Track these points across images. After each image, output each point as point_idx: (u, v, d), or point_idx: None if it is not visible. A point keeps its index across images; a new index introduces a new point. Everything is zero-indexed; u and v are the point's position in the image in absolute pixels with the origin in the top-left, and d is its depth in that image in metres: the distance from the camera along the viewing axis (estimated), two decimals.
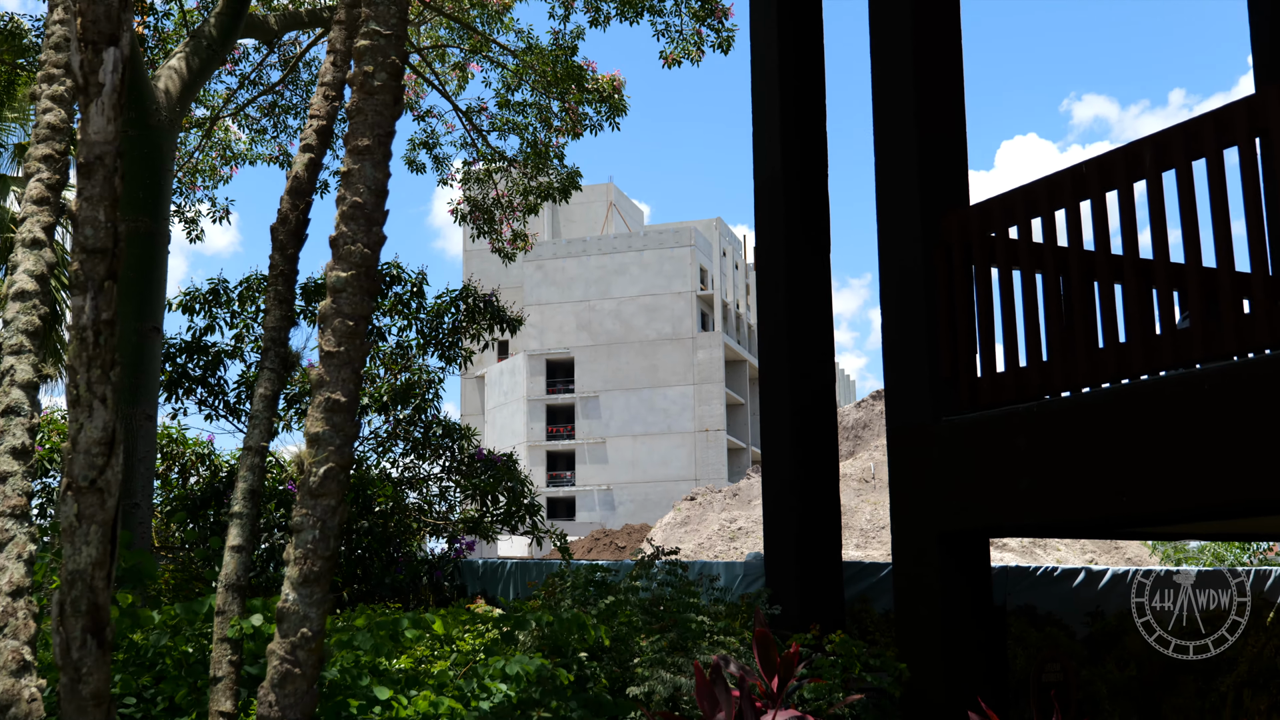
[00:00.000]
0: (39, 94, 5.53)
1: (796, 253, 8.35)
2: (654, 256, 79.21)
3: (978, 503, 6.64)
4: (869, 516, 22.18)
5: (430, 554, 12.33)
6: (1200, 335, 5.61)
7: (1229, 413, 5.40)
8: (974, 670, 6.69)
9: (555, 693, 6.14)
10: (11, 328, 5.31)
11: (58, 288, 13.51)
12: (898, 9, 7.40)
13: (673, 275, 78.59)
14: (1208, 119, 5.71)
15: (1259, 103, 5.50)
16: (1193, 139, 5.76)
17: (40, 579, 5.43)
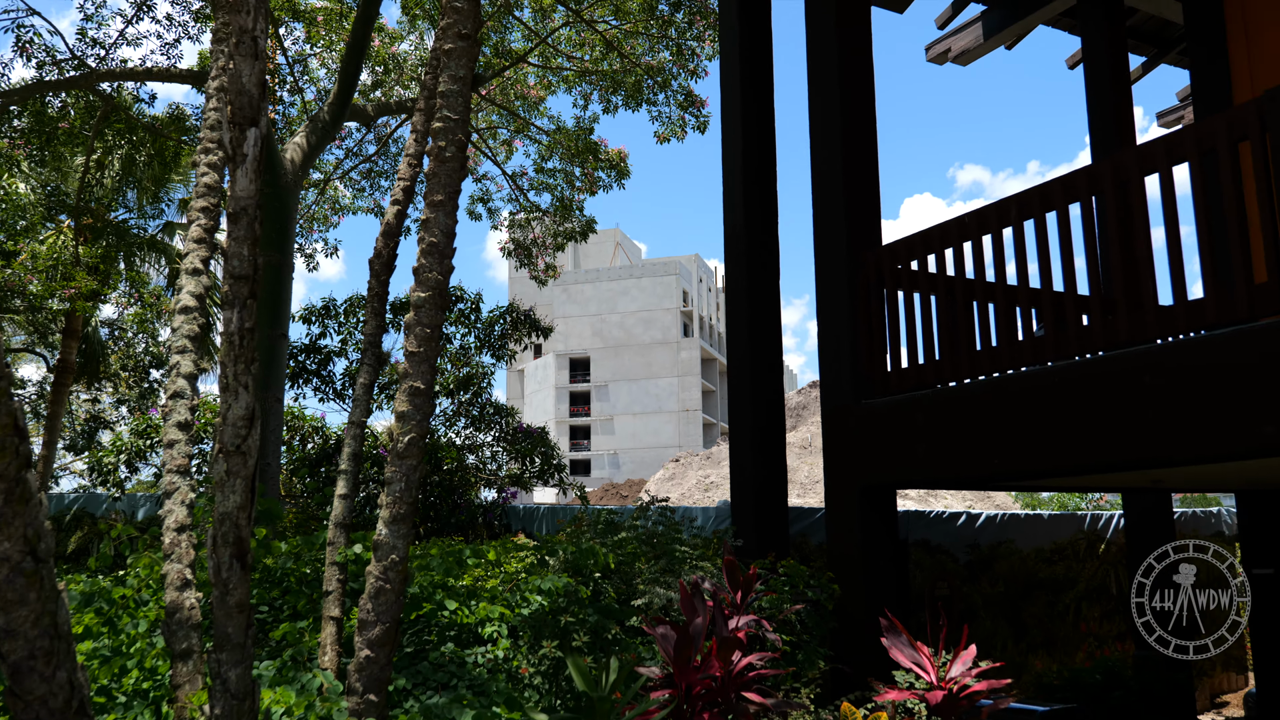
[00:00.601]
0: (198, 162, 5.53)
1: (754, 280, 8.38)
2: (649, 282, 79.26)
3: (887, 463, 6.67)
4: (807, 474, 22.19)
5: (484, 501, 12.35)
6: (1051, 341, 5.64)
7: (1072, 399, 5.43)
8: (885, 587, 6.72)
9: (577, 602, 6.16)
10: (178, 334, 5.31)
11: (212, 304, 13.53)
12: (830, 105, 7.43)
13: (662, 296, 78.64)
14: (1057, 182, 5.73)
15: (1095, 172, 5.52)
16: (1045, 197, 5.78)
17: (199, 519, 5.44)
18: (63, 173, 17.80)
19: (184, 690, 4.82)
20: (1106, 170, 5.42)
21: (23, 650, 3.59)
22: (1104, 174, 5.43)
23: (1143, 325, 5.11)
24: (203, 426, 11.39)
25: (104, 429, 21.96)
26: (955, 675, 4.71)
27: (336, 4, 15.33)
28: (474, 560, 6.79)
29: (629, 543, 7.12)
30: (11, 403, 3.39)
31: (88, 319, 19.35)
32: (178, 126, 15.91)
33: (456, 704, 4.72)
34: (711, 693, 4.47)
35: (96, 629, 5.65)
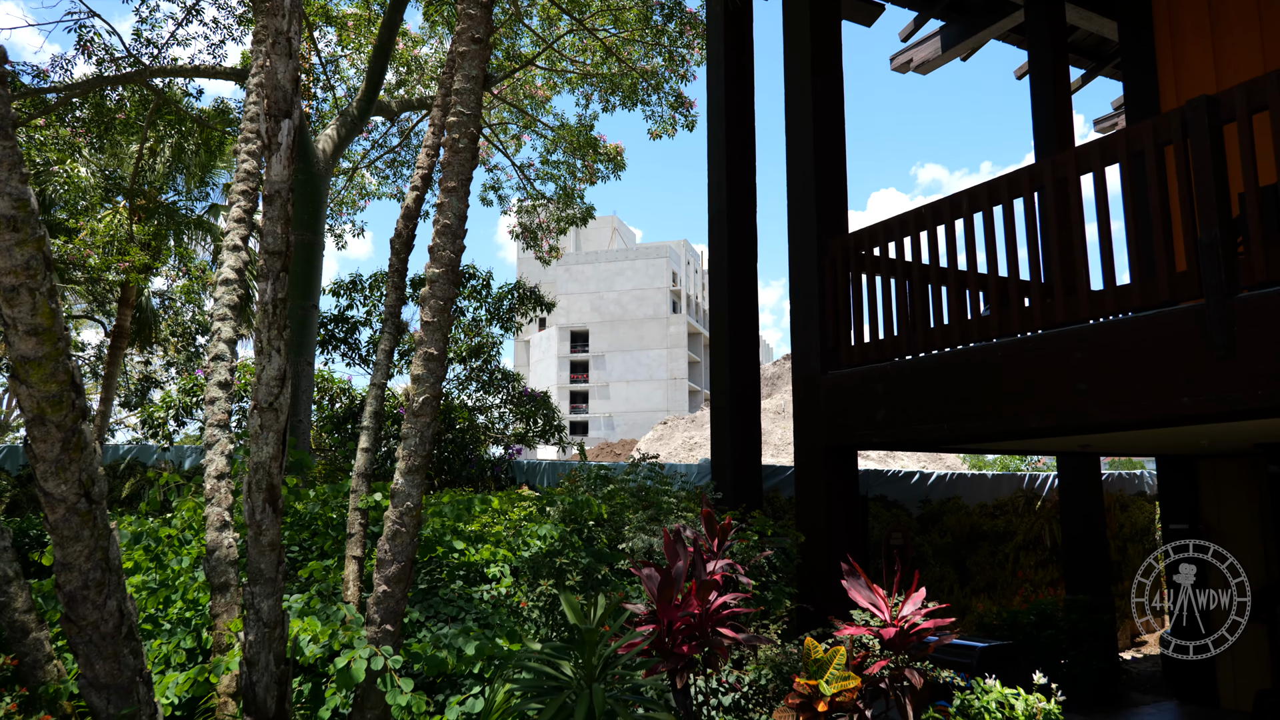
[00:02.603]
0: (239, 150, 5.47)
1: (734, 263, 8.34)
2: (642, 264, 78.97)
3: (850, 427, 6.67)
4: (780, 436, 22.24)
5: (492, 456, 12.34)
6: (996, 320, 5.62)
7: (1013, 372, 5.43)
8: (846, 537, 6.74)
9: (572, 547, 6.17)
10: (219, 303, 5.27)
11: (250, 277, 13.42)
12: (803, 107, 7.36)
13: (654, 276, 78.38)
14: (1003, 179, 5.69)
15: (1036, 170, 5.49)
16: (993, 192, 5.74)
17: (237, 469, 5.42)
18: (119, 159, 17.61)
19: (222, 619, 4.83)
20: (1047, 169, 5.38)
21: (77, 581, 3.58)
22: (1044, 172, 5.39)
23: (1076, 307, 5.10)
24: (241, 386, 11.33)
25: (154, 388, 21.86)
26: (906, 614, 4.74)
27: (365, 10, 15.11)
28: (481, 508, 6.80)
29: (619, 495, 7.12)
30: (70, 363, 3.36)
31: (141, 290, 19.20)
32: (222, 118, 15.73)
33: (464, 634, 4.74)
34: (690, 627, 4.49)
35: (145, 564, 5.65)
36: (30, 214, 3.17)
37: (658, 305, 78.21)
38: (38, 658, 4.44)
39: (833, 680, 4.30)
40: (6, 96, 3.13)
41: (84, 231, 14.39)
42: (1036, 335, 5.37)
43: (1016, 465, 21.61)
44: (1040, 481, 11.30)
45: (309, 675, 4.87)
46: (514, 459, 12.13)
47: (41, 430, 3.31)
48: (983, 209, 5.81)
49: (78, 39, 12.66)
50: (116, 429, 27.84)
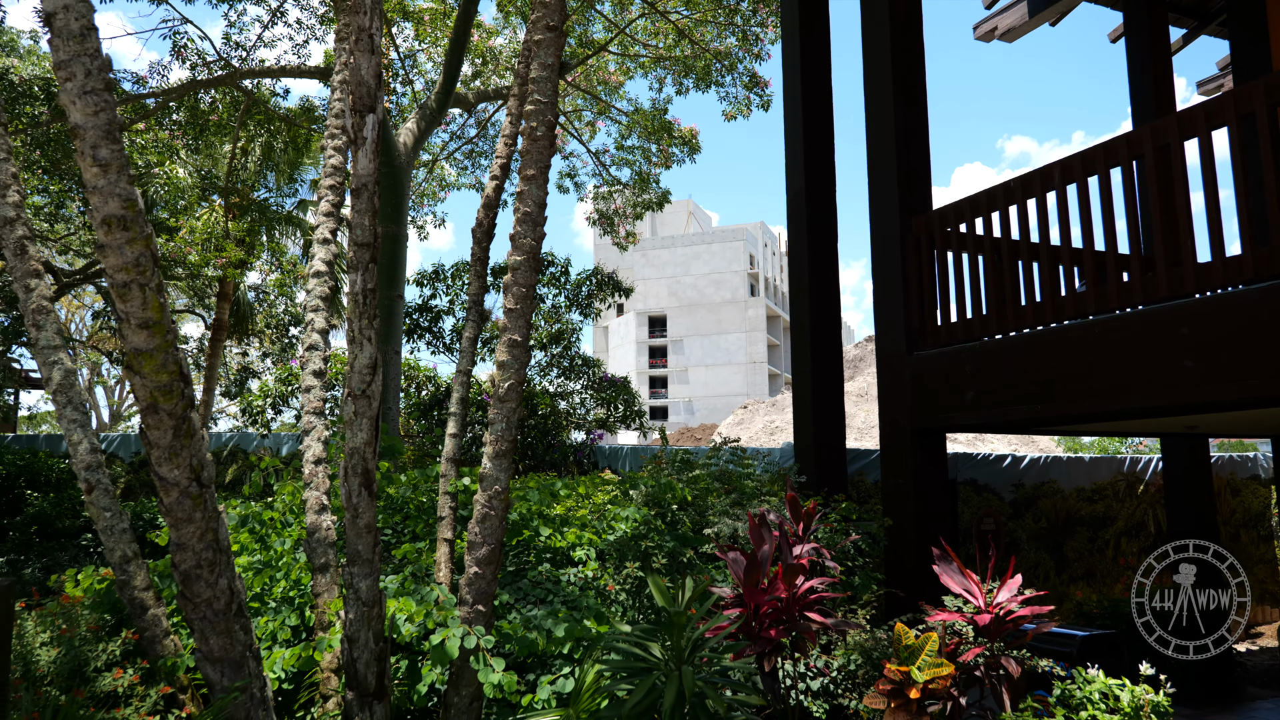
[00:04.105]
0: (325, 146, 5.63)
1: (814, 243, 8.22)
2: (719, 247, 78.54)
3: (938, 409, 6.52)
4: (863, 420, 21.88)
5: (574, 441, 12.48)
6: (1093, 296, 5.41)
7: (1112, 349, 5.22)
8: (935, 521, 6.61)
9: (656, 531, 6.20)
10: (312, 295, 5.45)
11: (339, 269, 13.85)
12: (883, 81, 7.18)
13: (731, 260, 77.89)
14: (1099, 149, 5.46)
15: (1135, 137, 5.24)
16: (1088, 162, 5.51)
17: (332, 454, 5.61)
18: (213, 159, 18.35)
19: (323, 598, 5.02)
20: (1146, 136, 5.13)
21: (191, 560, 3.77)
22: (1144, 139, 5.15)
23: (1181, 280, 4.86)
24: (334, 374, 11.73)
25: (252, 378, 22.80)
26: (1001, 601, 4.62)
27: (441, 4, 15.35)
28: (566, 492, 6.89)
29: (702, 479, 7.13)
30: (178, 354, 3.53)
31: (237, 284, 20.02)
32: (307, 116, 16.23)
33: (552, 616, 4.82)
34: (777, 612, 4.47)
35: (251, 546, 5.90)
36: (138, 214, 3.33)
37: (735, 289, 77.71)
38: (156, 633, 4.70)
39: (925, 667, 4.23)
40: (113, 103, 3.29)
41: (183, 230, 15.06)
42: (1137, 311, 5.14)
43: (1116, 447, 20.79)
44: (1143, 464, 10.86)
45: (406, 653, 5.03)
46: (595, 444, 12.25)
47: (155, 418, 3.49)
48: (1077, 180, 5.59)
49: (173, 45, 13.22)
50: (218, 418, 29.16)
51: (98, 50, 3.22)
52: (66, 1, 3.17)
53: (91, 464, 4.79)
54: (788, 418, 24.63)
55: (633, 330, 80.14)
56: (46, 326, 4.91)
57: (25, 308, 4.90)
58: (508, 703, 4.79)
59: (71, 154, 12.66)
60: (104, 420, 38.91)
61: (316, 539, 5.08)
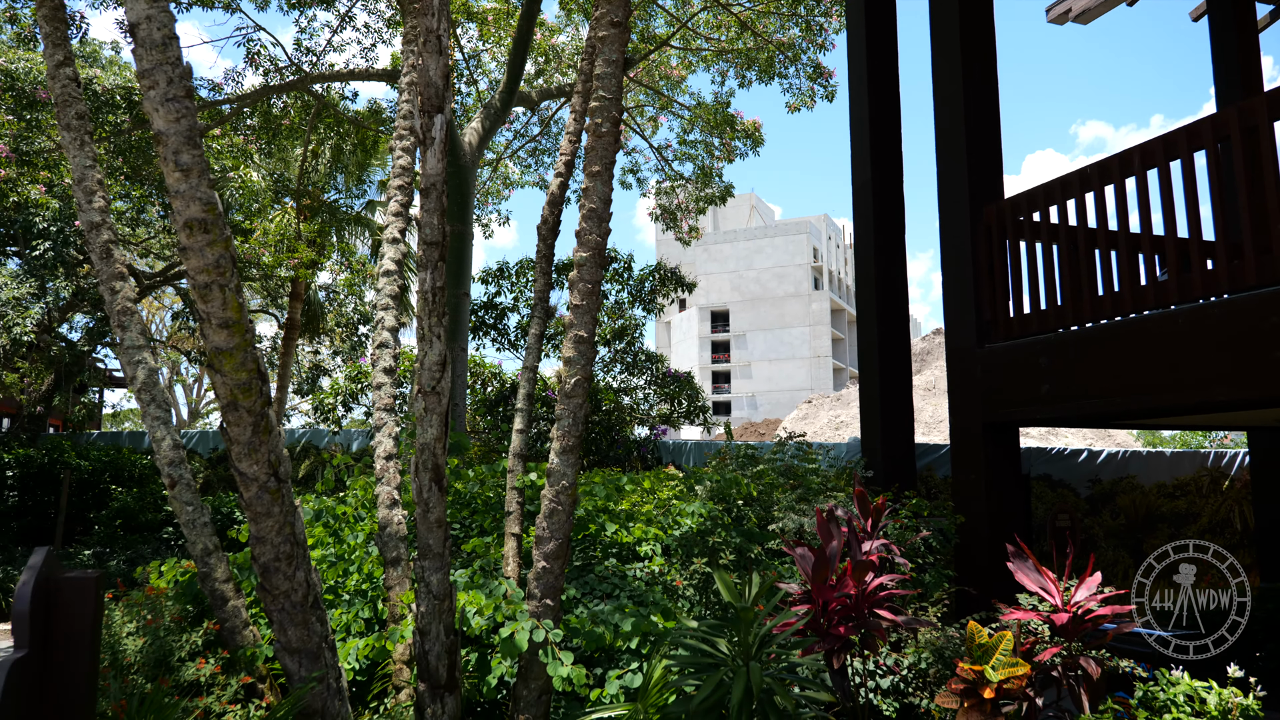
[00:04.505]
0: (394, 147, 5.74)
1: (881, 234, 8.10)
2: (782, 241, 77.84)
3: (1010, 403, 6.36)
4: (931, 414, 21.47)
5: (638, 437, 12.52)
6: (1175, 285, 5.21)
7: (1195, 340, 5.02)
8: (1008, 517, 6.46)
9: (722, 526, 6.18)
10: (381, 294, 5.57)
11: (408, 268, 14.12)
12: (952, 67, 7.02)
13: (794, 253, 77.13)
14: (1181, 131, 5.25)
15: (1220, 119, 5.03)
16: (1170, 146, 5.31)
17: (402, 450, 5.72)
18: (285, 162, 18.87)
19: (395, 591, 5.13)
20: (1233, 117, 4.91)
21: (270, 554, 3.89)
22: (1230, 121, 4.93)
23: (1271, 267, 4.65)
24: (403, 372, 11.98)
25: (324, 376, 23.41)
26: (1079, 599, 4.49)
27: (504, 4, 15.51)
28: (631, 487, 6.91)
29: (767, 474, 7.08)
30: (255, 353, 3.64)
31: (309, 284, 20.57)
32: (375, 118, 16.58)
33: (619, 611, 4.85)
34: (846, 608, 4.42)
35: (325, 540, 6.06)
36: (218, 217, 3.44)
37: (799, 282, 76.94)
38: (235, 624, 4.87)
39: (999, 666, 4.13)
40: (194, 109, 3.41)
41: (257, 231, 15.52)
42: (1223, 300, 4.94)
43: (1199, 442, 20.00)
44: (1228, 459, 10.43)
45: (475, 646, 5.11)
46: (659, 439, 12.26)
47: (235, 415, 3.61)
48: (1157, 165, 5.39)
49: (246, 52, 13.63)
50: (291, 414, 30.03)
51: (178, 59, 3.33)
52: (149, 12, 3.29)
53: (174, 460, 4.97)
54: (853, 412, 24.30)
55: (695, 325, 79.95)
56: (131, 327, 5.11)
57: (111, 309, 5.11)
58: (576, 696, 4.83)
59: (151, 160, 13.15)
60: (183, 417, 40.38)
61: (388, 533, 5.19)
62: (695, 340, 79.97)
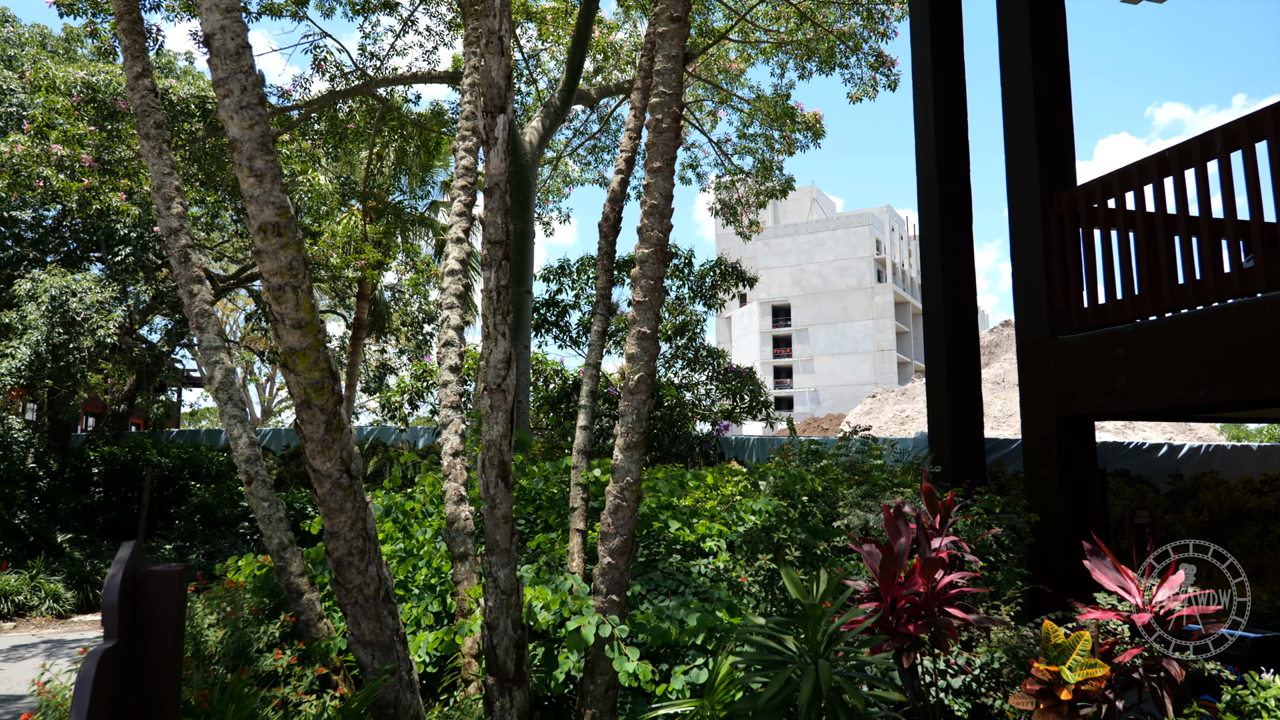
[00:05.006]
0: (456, 148, 5.82)
1: (947, 225, 7.93)
2: (844, 234, 76.81)
3: (1085, 396, 6.18)
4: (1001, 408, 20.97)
5: (700, 433, 12.49)
6: (1262, 271, 5.00)
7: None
8: (1084, 514, 6.28)
9: (787, 522, 6.14)
10: (446, 293, 5.65)
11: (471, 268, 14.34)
12: (1020, 51, 6.84)
13: (856, 245, 76.05)
14: (1267, 111, 5.03)
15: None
16: (1255, 127, 5.09)
17: (468, 447, 5.80)
18: (351, 165, 19.29)
19: (463, 586, 5.21)
20: None
21: (343, 549, 3.99)
22: None
23: None
24: (468, 369, 12.16)
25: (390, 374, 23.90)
26: (1161, 599, 4.34)
27: (563, 3, 15.61)
28: (694, 483, 6.90)
29: (832, 470, 7.00)
30: (327, 352, 3.73)
31: (375, 284, 21.01)
32: (437, 120, 16.84)
33: (685, 607, 4.85)
34: (915, 606, 4.35)
35: (394, 535, 6.19)
36: (290, 220, 3.54)
37: (861, 275, 75.86)
38: (310, 617, 5.00)
39: (1077, 667, 4.02)
40: (266, 116, 3.51)
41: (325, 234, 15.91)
42: None
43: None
44: None
45: (543, 641, 5.16)
46: (721, 435, 12.22)
47: (308, 413, 3.70)
48: (1242, 147, 5.17)
49: (313, 59, 13.98)
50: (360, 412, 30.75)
51: (251, 67, 3.43)
52: (223, 22, 3.39)
53: (251, 457, 5.13)
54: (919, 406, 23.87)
55: (756, 320, 79.43)
56: (208, 329, 5.29)
57: (189, 311, 5.29)
58: (642, 691, 4.85)
59: (225, 166, 13.57)
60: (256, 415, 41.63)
61: (456, 529, 5.28)
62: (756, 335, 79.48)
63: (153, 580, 3.15)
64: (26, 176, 11.80)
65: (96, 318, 12.51)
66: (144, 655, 3.12)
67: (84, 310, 12.37)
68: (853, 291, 76.49)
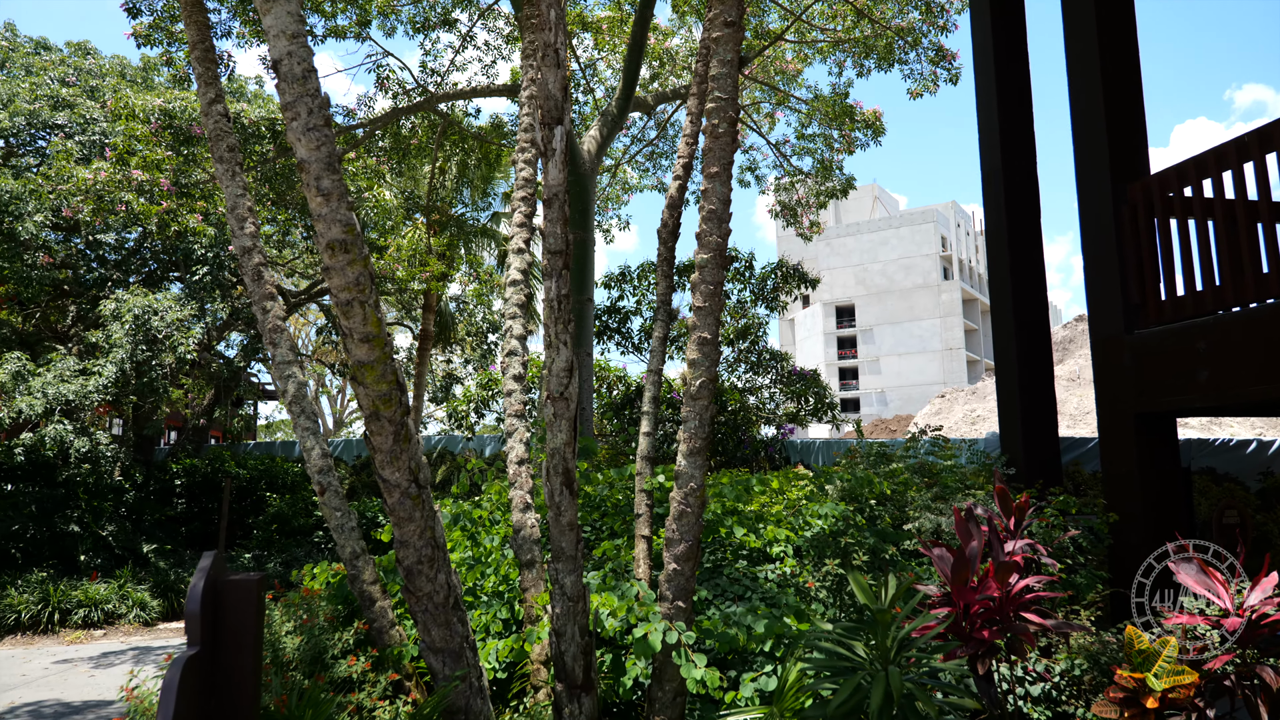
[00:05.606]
0: (516, 160, 5.90)
1: (1013, 219, 7.74)
2: (907, 231, 75.51)
3: (1165, 391, 5.96)
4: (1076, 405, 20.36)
5: (764, 437, 12.41)
6: None
7: None
8: (1167, 514, 6.06)
9: (855, 526, 6.05)
10: (509, 303, 5.73)
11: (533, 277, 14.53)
12: (1086, 36, 6.64)
13: (921, 243, 74.68)
14: None
15: None
16: None
17: (533, 454, 5.86)
18: (415, 180, 19.71)
19: (530, 593, 5.27)
20: None
21: (413, 557, 4.07)
22: None
23: None
24: (532, 378, 12.29)
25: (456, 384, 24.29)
26: (1254, 603, 4.15)
27: (618, 11, 15.70)
28: (760, 488, 6.86)
29: (900, 472, 6.88)
30: (394, 364, 3.82)
31: (440, 296, 21.40)
32: (497, 133, 17.10)
33: (752, 613, 4.81)
34: (990, 611, 4.24)
35: (462, 543, 6.28)
36: (356, 237, 3.63)
37: (927, 273, 74.45)
38: (383, 624, 5.11)
39: (1163, 674, 3.87)
40: (332, 137, 3.61)
41: (391, 248, 16.28)
42: None
43: None
44: None
45: (610, 647, 5.18)
46: (786, 438, 12.12)
47: (377, 424, 3.79)
48: None
49: (376, 78, 14.33)
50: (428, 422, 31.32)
51: (317, 90, 3.54)
52: (290, 48, 3.50)
53: (323, 468, 5.27)
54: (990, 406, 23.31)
55: (819, 321, 78.56)
56: (281, 344, 5.45)
57: (263, 327, 5.46)
58: (711, 698, 4.83)
59: (295, 186, 13.99)
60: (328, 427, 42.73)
61: (522, 536, 5.33)
62: (820, 337, 78.63)
63: (232, 590, 3.26)
64: (109, 201, 12.34)
65: (177, 335, 13.00)
66: (225, 662, 3.23)
67: (165, 328, 12.87)
68: (918, 290, 75.16)
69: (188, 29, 5.77)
